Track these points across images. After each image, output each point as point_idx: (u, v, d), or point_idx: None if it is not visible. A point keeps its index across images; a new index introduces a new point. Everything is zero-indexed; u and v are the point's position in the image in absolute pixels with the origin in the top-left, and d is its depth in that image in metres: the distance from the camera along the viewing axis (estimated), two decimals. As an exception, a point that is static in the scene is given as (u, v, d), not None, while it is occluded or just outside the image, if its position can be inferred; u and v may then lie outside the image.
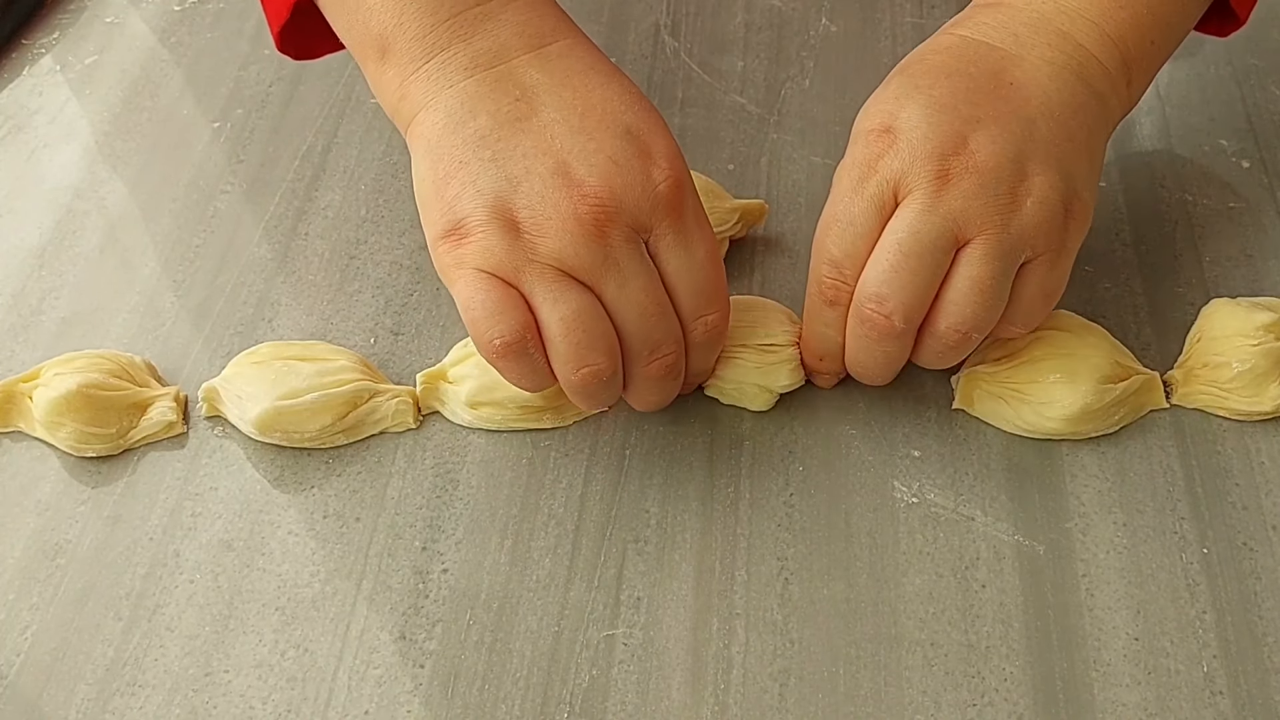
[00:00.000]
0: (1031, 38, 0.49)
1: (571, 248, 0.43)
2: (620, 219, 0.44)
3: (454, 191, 0.45)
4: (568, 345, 0.44)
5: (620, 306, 0.45)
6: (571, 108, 0.45)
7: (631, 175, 0.44)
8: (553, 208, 0.43)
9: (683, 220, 0.45)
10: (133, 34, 0.72)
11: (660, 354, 0.46)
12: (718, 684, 0.45)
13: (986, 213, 0.45)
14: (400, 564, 0.48)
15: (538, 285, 0.44)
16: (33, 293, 0.58)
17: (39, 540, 0.49)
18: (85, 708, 0.45)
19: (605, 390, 0.46)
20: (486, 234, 0.44)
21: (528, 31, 0.47)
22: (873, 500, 0.50)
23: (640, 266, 0.45)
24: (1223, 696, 0.44)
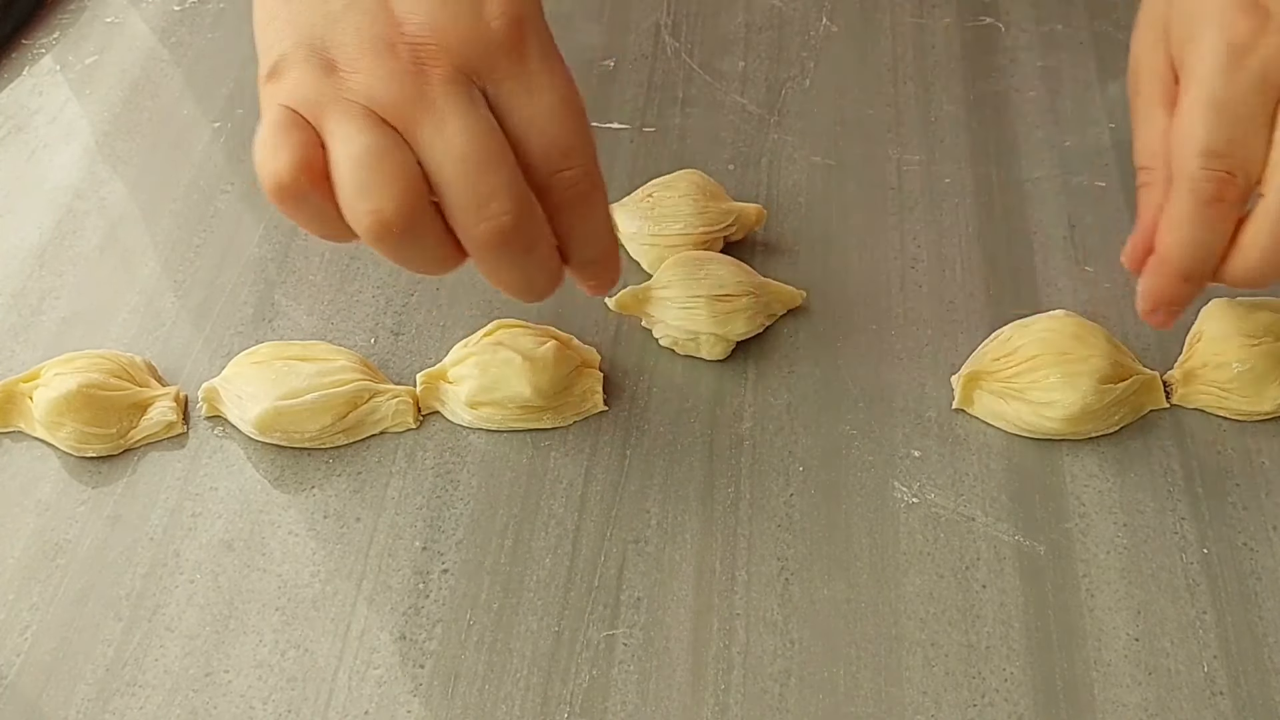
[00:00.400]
0: None
1: (382, 84, 0.39)
2: (444, 58, 0.39)
3: (275, 30, 0.41)
4: (351, 185, 0.39)
5: (434, 153, 0.39)
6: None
7: (460, 10, 0.39)
8: (369, 43, 0.39)
9: (524, 62, 0.40)
10: (133, 34, 0.72)
11: (491, 213, 0.40)
12: (718, 684, 0.45)
13: None
14: (400, 564, 0.48)
15: (338, 123, 0.39)
16: (33, 293, 0.58)
17: (39, 540, 0.49)
18: (85, 708, 0.45)
19: (408, 246, 0.40)
20: (300, 72, 0.40)
21: None
22: (873, 500, 0.50)
23: (463, 107, 0.39)
24: (1223, 697, 0.44)
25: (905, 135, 0.63)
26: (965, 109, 0.65)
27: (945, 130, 0.64)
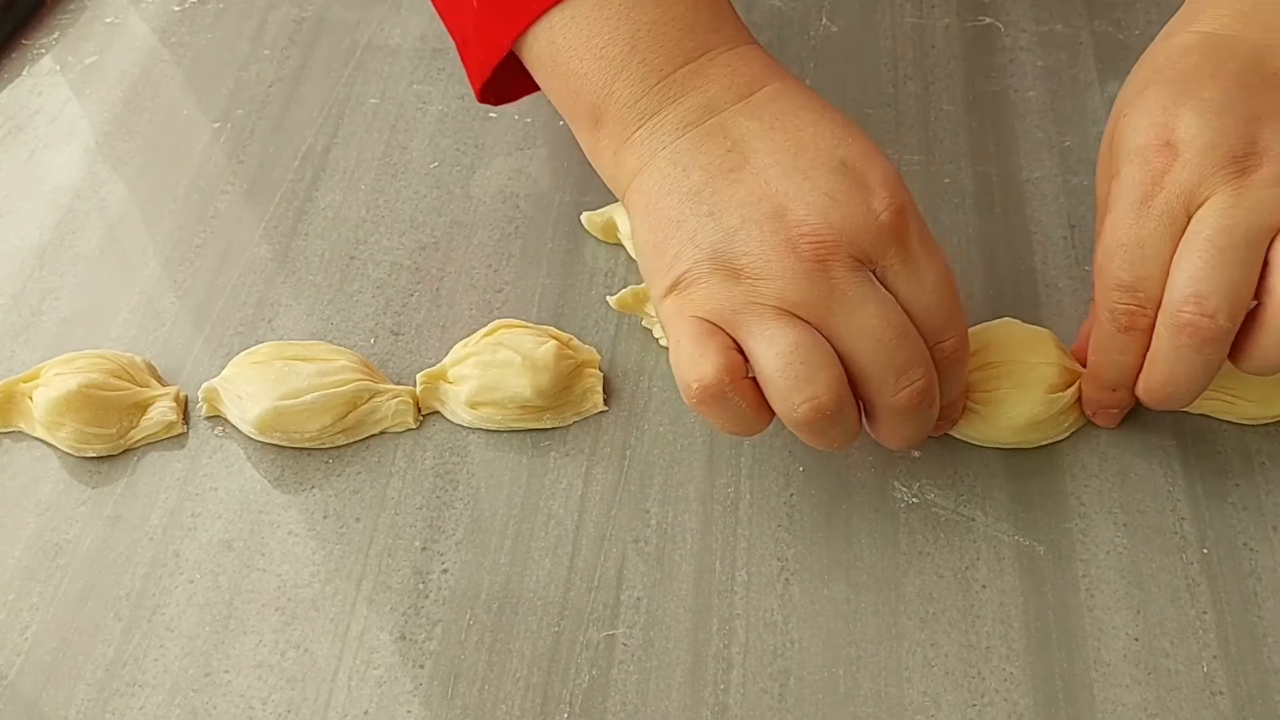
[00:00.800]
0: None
1: (793, 284, 0.42)
2: (842, 252, 0.43)
3: (674, 250, 0.44)
4: (784, 380, 0.43)
5: (851, 336, 0.43)
6: (783, 149, 0.45)
7: (850, 208, 0.43)
8: (772, 250, 0.43)
9: (908, 247, 0.44)
10: (133, 34, 0.72)
11: (908, 380, 0.44)
12: (718, 684, 0.45)
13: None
14: (400, 564, 0.48)
15: (756, 325, 0.43)
16: (33, 293, 0.58)
17: (39, 540, 0.49)
18: (85, 708, 0.45)
19: (834, 427, 0.44)
20: (709, 283, 0.43)
21: (735, 82, 0.47)
22: (873, 500, 0.50)
23: (870, 293, 0.43)
24: (1223, 696, 0.44)
25: (905, 135, 0.63)
26: (965, 109, 0.65)
27: (945, 130, 0.64)
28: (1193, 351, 0.45)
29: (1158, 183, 0.45)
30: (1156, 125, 0.46)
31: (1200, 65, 0.47)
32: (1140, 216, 0.45)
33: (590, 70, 0.47)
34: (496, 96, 0.55)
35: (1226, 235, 0.43)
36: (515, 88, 0.53)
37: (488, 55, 0.51)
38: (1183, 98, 0.46)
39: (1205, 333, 0.44)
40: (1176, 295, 0.44)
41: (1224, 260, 0.43)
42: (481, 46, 0.51)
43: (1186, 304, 0.44)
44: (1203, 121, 0.45)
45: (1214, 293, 0.43)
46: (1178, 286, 0.44)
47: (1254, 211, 0.44)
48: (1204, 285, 0.43)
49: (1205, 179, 0.44)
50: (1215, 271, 0.43)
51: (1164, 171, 0.45)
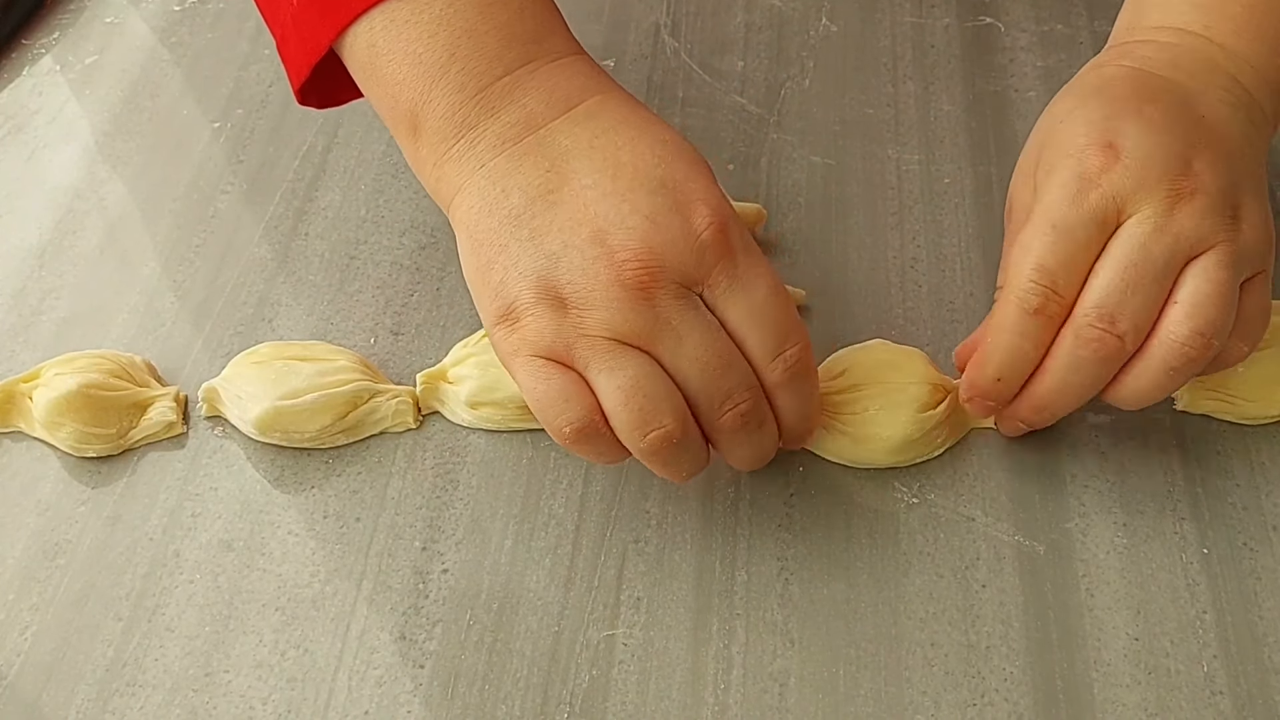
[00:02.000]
0: (1204, 76, 0.48)
1: (619, 315, 0.42)
2: (665, 277, 0.42)
3: (499, 276, 0.44)
4: (629, 413, 0.43)
5: (679, 365, 0.43)
6: (602, 170, 0.44)
7: (671, 230, 0.43)
8: (594, 278, 0.42)
9: (734, 263, 0.44)
10: (133, 34, 0.72)
11: (731, 403, 0.44)
12: (718, 684, 0.45)
13: (1217, 229, 0.45)
14: (400, 564, 0.48)
15: (592, 359, 0.43)
16: (33, 293, 0.58)
17: (39, 540, 0.49)
18: (85, 708, 0.45)
19: (682, 454, 0.44)
20: (535, 315, 0.43)
21: (555, 96, 0.46)
22: (873, 500, 0.50)
23: (694, 320, 0.43)
24: (1223, 696, 0.44)
25: (905, 135, 0.63)
26: (965, 109, 0.65)
27: (945, 130, 0.64)
28: (1091, 365, 0.45)
29: (1095, 180, 0.45)
30: (1102, 128, 0.46)
31: (1136, 90, 0.48)
32: (1074, 206, 0.45)
33: (408, 77, 0.46)
34: (321, 99, 0.53)
35: (1149, 260, 0.44)
36: (341, 90, 0.52)
37: (306, 55, 0.49)
38: (1126, 111, 0.47)
39: (1108, 349, 0.45)
40: (1089, 307, 0.45)
41: (1142, 285, 0.44)
42: (300, 45, 0.50)
43: (1100, 320, 0.44)
44: (1146, 134, 0.46)
45: (1126, 316, 0.44)
46: (1091, 299, 0.45)
47: (1177, 238, 0.44)
48: (1118, 305, 0.44)
49: (1141, 188, 0.45)
50: (1132, 295, 0.44)
51: (1103, 170, 0.45)
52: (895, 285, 0.57)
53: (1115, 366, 0.46)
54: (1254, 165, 0.47)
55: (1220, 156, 0.46)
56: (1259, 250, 0.46)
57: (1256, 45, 0.49)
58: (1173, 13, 0.51)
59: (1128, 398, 0.47)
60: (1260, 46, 0.49)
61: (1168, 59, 0.49)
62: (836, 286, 0.57)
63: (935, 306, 0.56)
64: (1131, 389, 0.46)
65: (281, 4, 0.50)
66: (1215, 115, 0.47)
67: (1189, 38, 0.50)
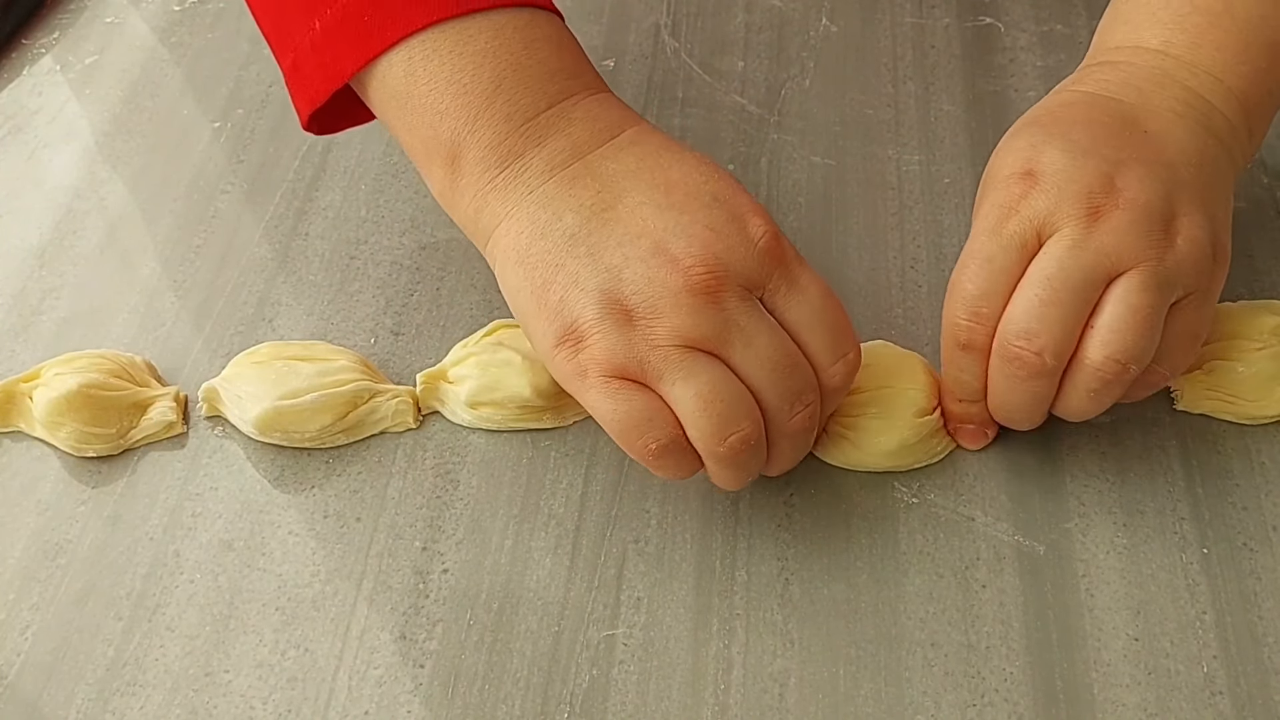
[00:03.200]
0: (1156, 91, 0.48)
1: (690, 319, 0.43)
2: (730, 281, 0.43)
3: (557, 296, 0.44)
4: (709, 419, 0.43)
5: (751, 366, 0.44)
6: (654, 187, 0.45)
7: (731, 238, 0.44)
8: (661, 286, 0.43)
9: (789, 269, 0.45)
10: (133, 34, 0.72)
11: (802, 403, 0.45)
12: (718, 684, 0.45)
13: (1141, 246, 0.44)
14: (400, 564, 0.48)
15: (665, 369, 0.43)
16: (33, 293, 0.58)
17: (39, 540, 0.49)
18: (85, 708, 0.45)
19: (754, 456, 0.45)
20: (602, 332, 0.43)
21: (597, 126, 0.47)
22: (873, 500, 0.50)
23: (762, 323, 0.44)
24: (1223, 697, 0.44)
25: (905, 135, 0.64)
26: (965, 109, 0.65)
27: (945, 130, 0.64)
28: (1022, 382, 0.46)
29: (1014, 207, 0.46)
30: (1022, 157, 0.47)
31: (1074, 114, 0.48)
32: (993, 236, 0.46)
33: (450, 107, 0.46)
34: (321, 126, 0.53)
35: (1064, 276, 0.44)
36: (342, 119, 0.52)
37: (326, 81, 0.49)
38: (1050, 136, 0.47)
39: (1031, 367, 0.45)
40: (1009, 327, 0.45)
41: (1056, 300, 0.44)
42: (320, 72, 0.49)
43: (1017, 338, 0.45)
44: (1065, 157, 0.46)
45: (1043, 332, 0.45)
46: (1012, 318, 0.45)
47: (1097, 254, 0.44)
48: (1035, 323, 0.45)
49: (1058, 209, 0.45)
50: (1048, 311, 0.44)
51: (1021, 197, 0.46)
52: (895, 285, 0.57)
53: (1047, 381, 0.46)
54: (1204, 177, 0.47)
55: (1154, 170, 0.46)
56: (1193, 268, 0.45)
57: (1217, 55, 0.49)
58: (1134, 31, 0.51)
59: (1064, 413, 0.48)
60: (1221, 55, 0.49)
61: (1121, 79, 0.49)
62: (836, 286, 0.56)
63: (935, 306, 0.56)
64: (1063, 407, 0.47)
65: (296, 29, 0.49)
66: (1161, 128, 0.47)
67: (1145, 54, 0.50)
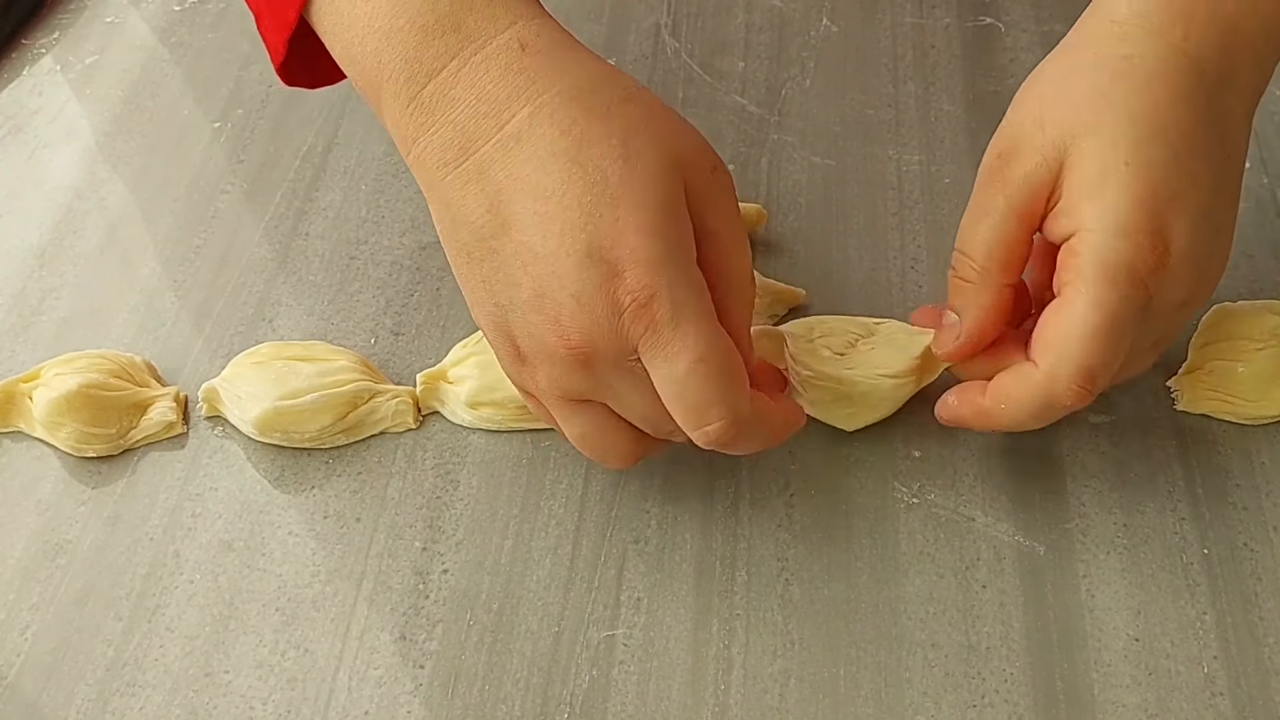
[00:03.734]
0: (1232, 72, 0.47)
1: (565, 378, 0.44)
2: (598, 355, 0.43)
3: (470, 297, 0.46)
4: (591, 454, 0.47)
5: (630, 416, 0.46)
6: (535, 224, 0.43)
7: (598, 310, 0.42)
8: (539, 343, 0.44)
9: (657, 335, 0.43)
10: (133, 34, 0.72)
11: (704, 423, 0.44)
12: (718, 684, 0.45)
13: (1179, 321, 0.47)
14: (400, 564, 0.48)
15: (550, 406, 0.46)
16: (33, 293, 0.58)
17: (39, 540, 0.49)
18: (85, 708, 0.45)
19: (639, 461, 0.48)
20: (501, 353, 0.46)
21: (483, 109, 0.44)
22: (873, 500, 0.50)
23: (631, 385, 0.44)
24: (1223, 697, 0.44)
25: (905, 135, 0.63)
26: (965, 109, 0.65)
27: (945, 130, 0.64)
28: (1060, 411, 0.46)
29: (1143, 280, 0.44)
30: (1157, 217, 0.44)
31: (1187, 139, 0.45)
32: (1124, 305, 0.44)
33: (357, 78, 0.47)
34: (311, 77, 0.53)
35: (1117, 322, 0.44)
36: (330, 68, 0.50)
37: (280, 29, 0.49)
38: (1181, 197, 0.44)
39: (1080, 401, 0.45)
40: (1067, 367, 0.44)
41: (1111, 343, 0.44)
42: (274, 20, 0.49)
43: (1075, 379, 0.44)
44: (1196, 239, 0.44)
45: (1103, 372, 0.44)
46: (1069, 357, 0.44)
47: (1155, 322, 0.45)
48: (1102, 370, 0.44)
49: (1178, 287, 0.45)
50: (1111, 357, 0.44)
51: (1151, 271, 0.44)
52: (895, 285, 0.57)
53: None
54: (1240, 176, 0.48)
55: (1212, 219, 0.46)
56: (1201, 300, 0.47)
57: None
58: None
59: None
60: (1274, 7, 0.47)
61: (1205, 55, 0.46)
62: (836, 286, 0.57)
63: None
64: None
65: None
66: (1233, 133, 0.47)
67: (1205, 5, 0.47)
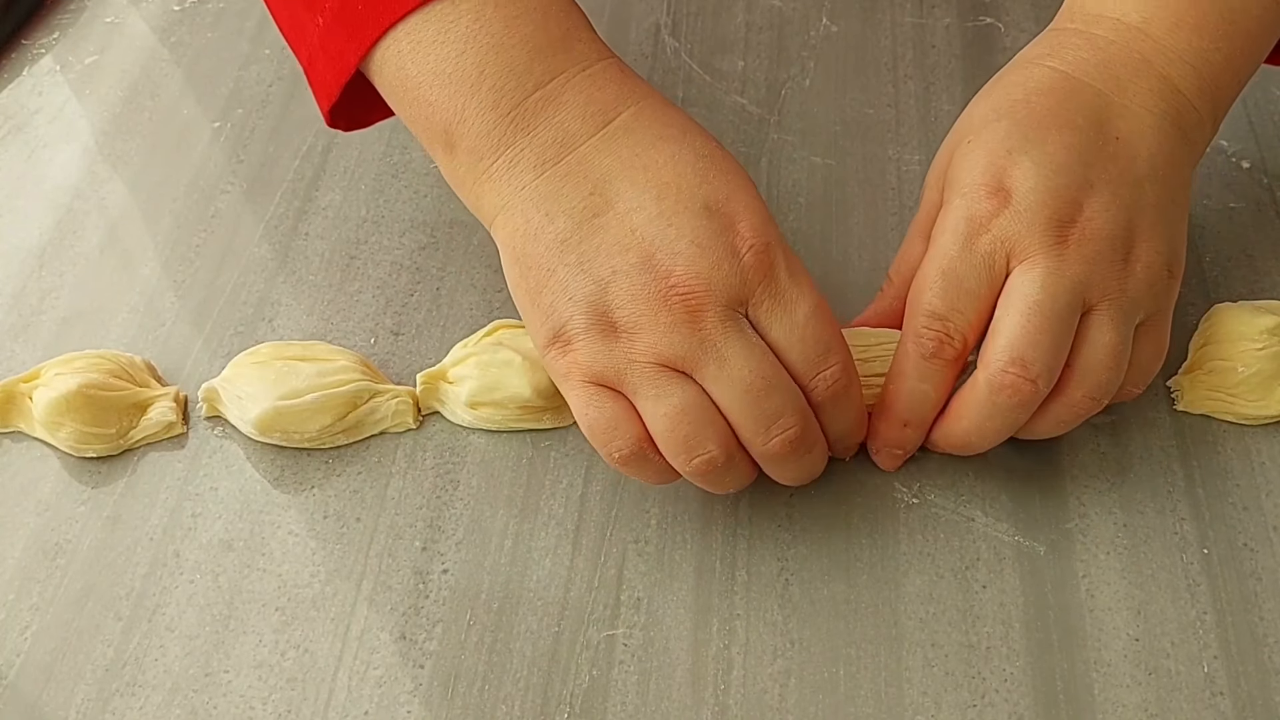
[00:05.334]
0: (1134, 82, 0.48)
1: (666, 339, 0.43)
2: (712, 300, 0.43)
3: (549, 300, 0.44)
4: (674, 440, 0.44)
5: (723, 389, 0.44)
6: (645, 190, 0.44)
7: (717, 254, 0.43)
8: (644, 303, 0.43)
9: (775, 283, 0.44)
10: (133, 34, 0.72)
11: (779, 429, 0.44)
12: (718, 684, 0.45)
13: (1106, 279, 0.45)
14: (400, 564, 0.48)
15: (640, 385, 0.44)
16: (33, 293, 0.58)
17: (39, 540, 0.49)
18: (85, 708, 0.45)
19: (727, 475, 0.45)
20: (587, 341, 0.44)
21: (590, 110, 0.46)
22: (873, 500, 0.50)
23: (738, 342, 0.43)
24: (1223, 697, 0.44)
25: (905, 135, 0.63)
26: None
27: (945, 130, 0.63)
28: (1009, 410, 0.46)
29: (985, 225, 0.46)
30: (995, 167, 0.47)
31: (1051, 110, 0.47)
32: (963, 251, 0.46)
33: (439, 98, 0.46)
34: (349, 121, 0.53)
35: (1052, 304, 0.45)
36: (371, 111, 0.52)
37: (335, 75, 0.49)
38: (1025, 144, 0.47)
39: (1023, 394, 0.45)
40: (1000, 355, 0.45)
41: (1049, 329, 0.45)
42: (328, 66, 0.49)
43: (1011, 365, 0.45)
44: (1038, 176, 0.46)
45: (1038, 359, 0.45)
46: (1001, 346, 0.45)
47: (1073, 285, 0.45)
48: (1029, 350, 0.45)
49: (1030, 233, 0.45)
50: (1041, 338, 0.45)
51: (992, 215, 0.46)
52: (895, 285, 0.57)
53: (1032, 409, 0.46)
54: (1163, 189, 0.47)
55: (1118, 192, 0.46)
56: (1150, 293, 0.46)
57: (1195, 39, 0.49)
58: (1113, 0, 0.50)
59: (1026, 435, 0.48)
60: (1199, 40, 0.49)
61: (1099, 60, 0.49)
62: (836, 286, 0.57)
63: (935, 306, 0.56)
64: (1026, 431, 0.48)
65: (308, 27, 0.49)
66: (1132, 133, 0.47)
67: (1126, 32, 0.49)
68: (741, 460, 0.45)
